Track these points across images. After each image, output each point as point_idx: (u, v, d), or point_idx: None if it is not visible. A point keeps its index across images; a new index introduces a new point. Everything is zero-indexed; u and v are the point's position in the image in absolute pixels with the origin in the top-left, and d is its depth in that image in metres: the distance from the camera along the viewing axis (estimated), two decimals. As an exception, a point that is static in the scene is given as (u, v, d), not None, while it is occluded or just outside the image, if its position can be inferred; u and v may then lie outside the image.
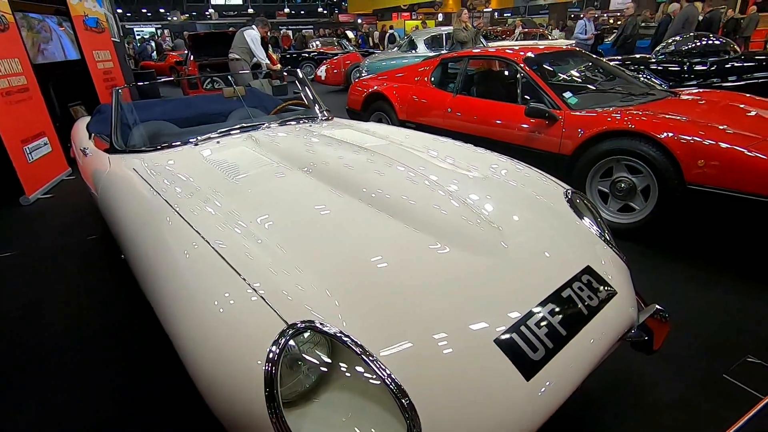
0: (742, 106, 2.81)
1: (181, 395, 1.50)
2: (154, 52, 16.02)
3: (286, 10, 32.09)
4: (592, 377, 1.08)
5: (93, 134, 2.56)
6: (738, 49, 4.80)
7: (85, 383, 1.70)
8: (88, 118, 3.11)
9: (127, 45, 11.54)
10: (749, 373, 1.60)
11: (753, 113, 2.69)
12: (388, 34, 14.77)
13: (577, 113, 2.78)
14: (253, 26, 5.55)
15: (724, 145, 2.18)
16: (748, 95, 3.09)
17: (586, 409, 1.47)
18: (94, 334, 1.99)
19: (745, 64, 4.38)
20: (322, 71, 9.71)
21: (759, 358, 1.66)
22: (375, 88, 4.35)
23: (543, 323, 1.05)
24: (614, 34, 7.37)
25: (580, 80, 3.40)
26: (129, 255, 1.41)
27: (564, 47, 4.78)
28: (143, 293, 1.25)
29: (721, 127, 2.33)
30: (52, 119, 4.38)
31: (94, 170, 2.12)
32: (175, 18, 29.21)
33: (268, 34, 6.09)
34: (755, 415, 1.11)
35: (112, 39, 6.36)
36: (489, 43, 8.03)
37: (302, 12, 34.08)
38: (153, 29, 28.20)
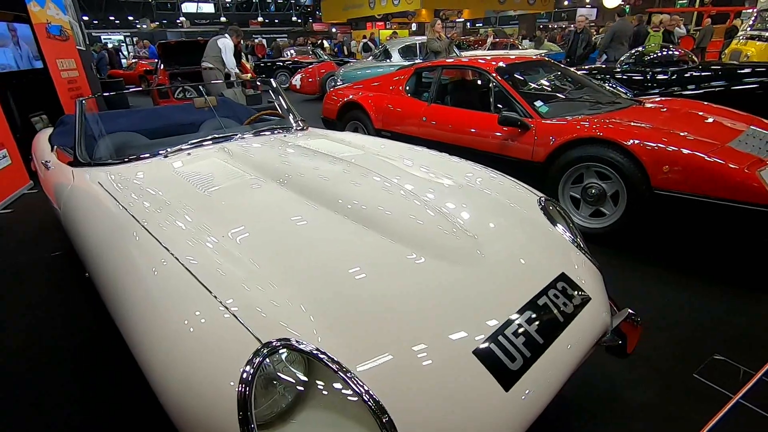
0: (700, 113, 2.95)
1: (149, 421, 1.44)
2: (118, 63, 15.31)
3: (260, 19, 31.86)
4: (567, 382, 1.09)
5: (55, 147, 2.45)
6: (695, 59, 5.05)
7: (45, 408, 1.60)
8: (50, 130, 2.98)
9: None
10: (717, 371, 1.65)
11: (711, 120, 2.83)
12: (362, 44, 14.89)
13: (549, 121, 2.85)
14: (226, 35, 5.48)
15: (685, 151, 2.28)
16: (705, 103, 3.25)
17: (561, 413, 1.49)
18: (56, 356, 1.88)
19: (702, 74, 4.61)
20: (297, 80, 9.67)
21: (725, 356, 1.73)
22: (350, 97, 4.35)
23: (520, 332, 1.06)
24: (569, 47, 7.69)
25: (550, 89, 3.50)
26: (94, 273, 1.35)
27: (534, 57, 4.92)
28: (109, 313, 1.19)
29: (682, 134, 2.44)
30: (12, 130, 4.18)
31: (57, 184, 2.03)
32: (144, 26, 28.54)
33: (242, 43, 6.03)
34: (725, 414, 1.15)
35: (78, 47, 6.15)
36: (462, 53, 8.19)
37: (276, 21, 33.92)
38: (121, 37, 27.50)
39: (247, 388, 0.82)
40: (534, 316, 1.11)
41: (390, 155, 2.00)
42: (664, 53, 5.05)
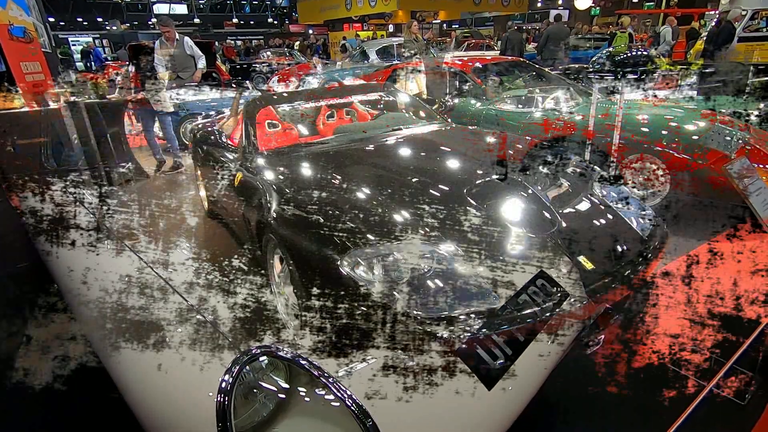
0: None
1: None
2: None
3: (235, 20, 31.36)
4: (547, 378, 1.10)
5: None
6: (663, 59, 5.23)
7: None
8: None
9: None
10: (690, 361, 1.70)
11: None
12: (340, 45, 14.86)
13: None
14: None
15: (657, 148, 2.35)
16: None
17: (540, 409, 1.50)
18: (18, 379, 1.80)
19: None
20: (274, 82, 9.55)
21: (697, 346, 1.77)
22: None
23: (502, 330, 1.06)
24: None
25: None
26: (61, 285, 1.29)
27: (510, 58, 5.00)
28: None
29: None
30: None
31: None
32: (114, 27, 27.68)
33: (204, 44, 5.93)
34: (700, 403, 1.19)
35: (43, 49, 5.92)
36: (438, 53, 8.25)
37: (251, 22, 33.44)
38: (90, 39, 26.60)
39: (227, 398, 0.80)
40: (515, 314, 1.12)
41: None
42: (633, 53, 5.22)
